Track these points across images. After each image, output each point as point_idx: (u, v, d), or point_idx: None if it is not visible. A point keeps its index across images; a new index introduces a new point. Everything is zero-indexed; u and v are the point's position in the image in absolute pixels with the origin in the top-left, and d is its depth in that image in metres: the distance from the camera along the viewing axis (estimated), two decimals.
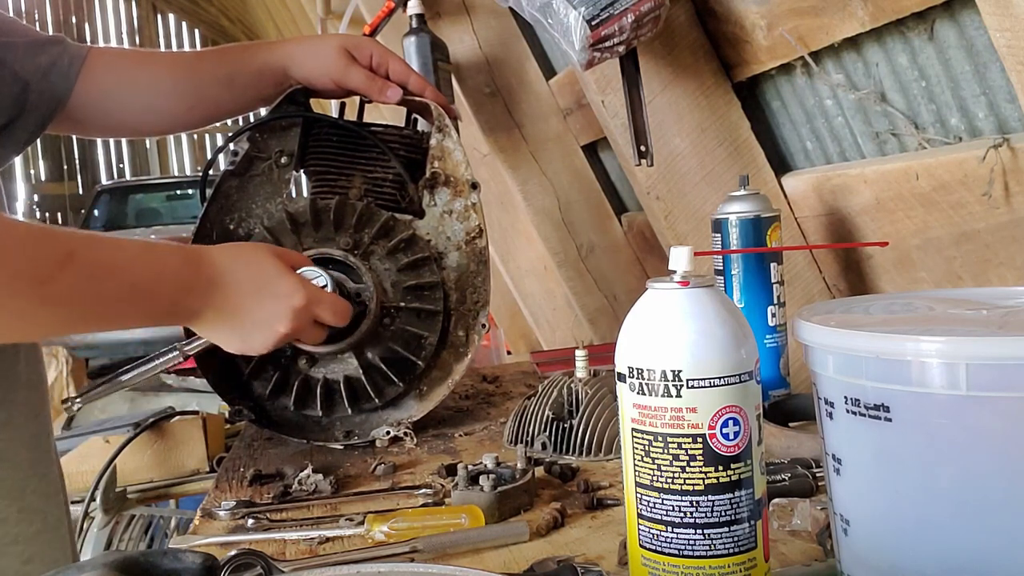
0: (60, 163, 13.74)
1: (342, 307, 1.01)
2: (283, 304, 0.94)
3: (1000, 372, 0.49)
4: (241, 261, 0.94)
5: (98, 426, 2.24)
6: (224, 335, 0.95)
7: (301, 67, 1.13)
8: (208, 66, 1.14)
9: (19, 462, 1.00)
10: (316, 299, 0.97)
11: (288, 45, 1.16)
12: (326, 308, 0.98)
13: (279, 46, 1.16)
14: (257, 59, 1.14)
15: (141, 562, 0.52)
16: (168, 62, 1.17)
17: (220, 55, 1.17)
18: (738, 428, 0.58)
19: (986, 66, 0.90)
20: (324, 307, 0.98)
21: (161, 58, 1.21)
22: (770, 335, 1.13)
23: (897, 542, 0.55)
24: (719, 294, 0.60)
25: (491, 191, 2.17)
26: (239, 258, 0.94)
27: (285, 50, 1.15)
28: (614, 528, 0.80)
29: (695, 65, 1.30)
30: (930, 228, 1.02)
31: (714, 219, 1.14)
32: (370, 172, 1.17)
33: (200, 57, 1.17)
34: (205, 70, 1.14)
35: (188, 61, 1.16)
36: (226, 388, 1.13)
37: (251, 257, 0.95)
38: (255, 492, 0.97)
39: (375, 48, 1.16)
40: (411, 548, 0.74)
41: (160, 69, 1.15)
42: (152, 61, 1.18)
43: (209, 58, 1.16)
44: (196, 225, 1.12)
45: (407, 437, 1.11)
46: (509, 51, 1.97)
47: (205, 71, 1.14)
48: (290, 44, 1.16)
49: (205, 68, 1.14)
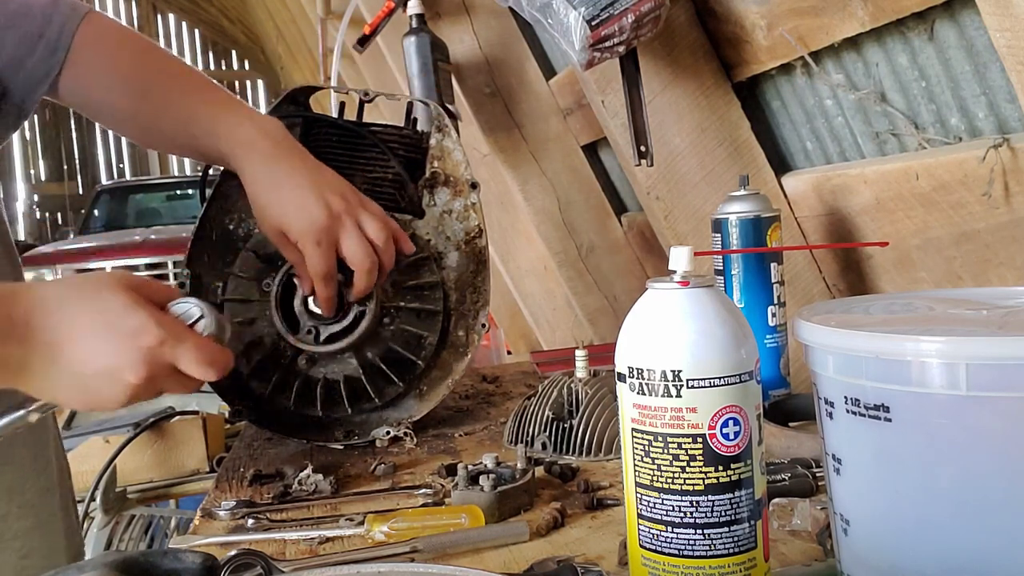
0: (60, 163, 13.74)
1: (211, 353, 0.78)
2: (128, 344, 0.74)
3: (1000, 372, 0.49)
4: (74, 295, 0.76)
5: (98, 426, 2.24)
6: (62, 390, 0.77)
7: None
8: (167, 125, 1.06)
9: (18, 459, 1.00)
10: (175, 338, 0.76)
11: (252, 166, 1.01)
12: (188, 351, 0.76)
13: (242, 152, 1.01)
14: (211, 149, 1.03)
15: (141, 562, 0.52)
16: (136, 96, 1.05)
17: (182, 122, 1.04)
18: (738, 428, 0.58)
19: (986, 66, 0.90)
20: (186, 349, 0.76)
21: (131, 86, 1.05)
22: (770, 335, 1.13)
23: (897, 542, 0.55)
24: (719, 294, 0.60)
25: (491, 191, 2.18)
26: (72, 291, 0.77)
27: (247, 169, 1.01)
28: (614, 528, 0.80)
29: (695, 65, 1.30)
30: (930, 228, 1.02)
31: (714, 219, 1.14)
32: (370, 172, 1.17)
33: (162, 111, 1.05)
34: (164, 127, 1.06)
35: (152, 112, 1.05)
36: (226, 388, 1.12)
37: (89, 290, 0.77)
38: (255, 492, 0.97)
39: None
40: (411, 548, 0.74)
41: (123, 102, 1.04)
42: (123, 84, 1.04)
43: (170, 116, 1.05)
44: (196, 225, 1.12)
45: (407, 437, 1.11)
46: (509, 51, 1.97)
47: (164, 127, 1.06)
48: (254, 166, 1.01)
49: (164, 125, 1.06)
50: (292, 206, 0.98)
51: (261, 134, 1.00)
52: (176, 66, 1.07)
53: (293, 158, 1.00)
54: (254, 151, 1.00)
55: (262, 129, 1.00)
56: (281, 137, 1.01)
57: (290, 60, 7.27)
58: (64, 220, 12.90)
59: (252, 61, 13.81)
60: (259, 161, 0.99)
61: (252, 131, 1.00)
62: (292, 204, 0.98)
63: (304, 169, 1.00)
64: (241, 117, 1.01)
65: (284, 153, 1.00)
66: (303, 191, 0.98)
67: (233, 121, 1.00)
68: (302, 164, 1.00)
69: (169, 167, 14.19)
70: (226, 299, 1.12)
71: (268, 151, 0.99)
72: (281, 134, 1.01)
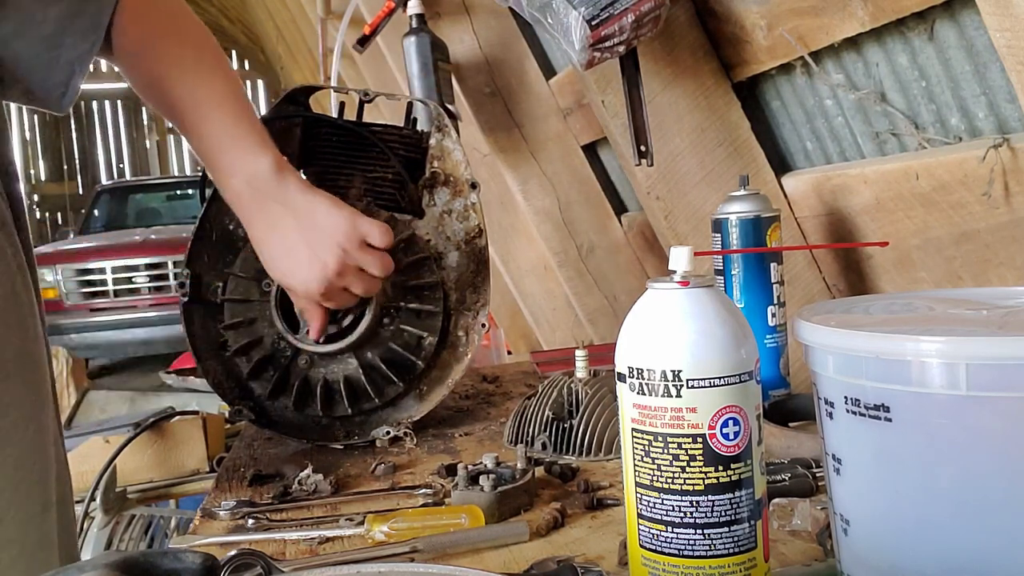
0: (60, 163, 13.75)
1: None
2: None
3: (1000, 372, 0.49)
4: None
5: (98, 426, 2.24)
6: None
7: None
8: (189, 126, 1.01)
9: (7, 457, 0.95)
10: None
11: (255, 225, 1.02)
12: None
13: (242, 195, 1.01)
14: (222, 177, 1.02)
15: (141, 562, 0.52)
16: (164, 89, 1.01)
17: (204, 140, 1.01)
18: (738, 428, 0.58)
19: (986, 66, 0.90)
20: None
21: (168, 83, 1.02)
22: (770, 335, 1.13)
23: (897, 542, 0.55)
24: (719, 294, 0.60)
25: (491, 191, 2.18)
26: None
27: None
28: (614, 528, 0.80)
29: (695, 65, 1.30)
30: (930, 228, 1.02)
31: (714, 219, 1.14)
32: (370, 172, 1.17)
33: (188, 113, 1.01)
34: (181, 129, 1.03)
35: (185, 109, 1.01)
36: (226, 388, 1.12)
37: None
38: (255, 492, 0.97)
39: None
40: (411, 548, 0.74)
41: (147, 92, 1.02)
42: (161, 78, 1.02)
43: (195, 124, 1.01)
44: (196, 225, 1.12)
45: (407, 437, 1.11)
46: (509, 51, 1.97)
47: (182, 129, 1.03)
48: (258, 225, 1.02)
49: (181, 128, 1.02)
50: (289, 272, 1.00)
51: (247, 187, 0.98)
52: (195, 78, 1.00)
53: (282, 212, 0.98)
54: (242, 207, 1.00)
55: (248, 180, 0.98)
56: (270, 187, 0.98)
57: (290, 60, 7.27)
58: (64, 220, 12.90)
59: (252, 61, 13.80)
60: (251, 218, 1.00)
61: (240, 184, 0.98)
62: (288, 270, 1.00)
63: (294, 225, 0.98)
64: (232, 165, 0.98)
65: (273, 208, 0.98)
66: (298, 258, 0.99)
67: (226, 169, 0.99)
68: (292, 217, 0.98)
69: (169, 167, 14.20)
70: (226, 299, 1.12)
71: (256, 207, 0.99)
72: (270, 184, 0.98)
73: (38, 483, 0.91)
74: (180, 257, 1.14)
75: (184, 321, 1.12)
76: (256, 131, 0.99)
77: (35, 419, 0.91)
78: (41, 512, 0.91)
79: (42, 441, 0.92)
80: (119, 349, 7.25)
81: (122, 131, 14.29)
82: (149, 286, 7.10)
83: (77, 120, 13.75)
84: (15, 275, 0.89)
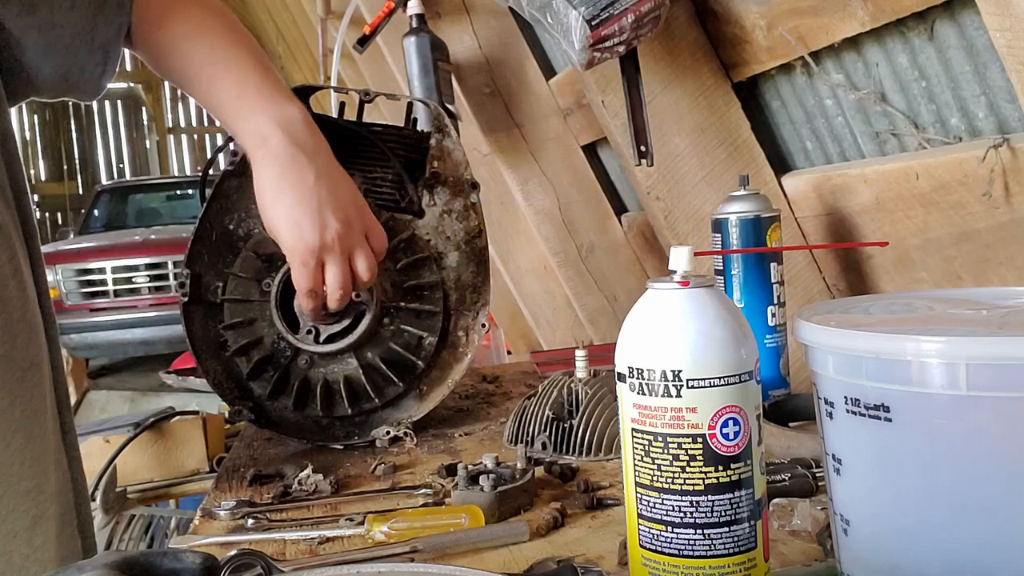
0: (60, 163, 13.74)
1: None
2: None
3: (1000, 372, 0.49)
4: None
5: (98, 426, 2.24)
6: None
7: None
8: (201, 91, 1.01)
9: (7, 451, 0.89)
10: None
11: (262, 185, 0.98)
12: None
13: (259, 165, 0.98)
14: None
15: (141, 562, 0.52)
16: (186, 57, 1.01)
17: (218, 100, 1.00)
18: (738, 428, 0.58)
19: (986, 66, 0.90)
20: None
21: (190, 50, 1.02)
22: (770, 335, 1.13)
23: (897, 542, 0.55)
24: (719, 294, 0.60)
25: (491, 191, 2.17)
26: None
27: None
28: (614, 528, 0.80)
29: (695, 65, 1.30)
30: (930, 228, 1.02)
31: (714, 219, 1.14)
32: (370, 172, 1.17)
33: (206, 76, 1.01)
34: (206, 102, 1.02)
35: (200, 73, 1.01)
36: (226, 388, 1.12)
37: None
38: (255, 492, 0.97)
39: None
40: (411, 548, 0.74)
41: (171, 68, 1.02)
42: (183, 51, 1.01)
43: (207, 86, 1.01)
44: (196, 225, 1.12)
45: (407, 437, 1.11)
46: (509, 51, 1.97)
47: (207, 102, 1.02)
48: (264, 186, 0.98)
49: (207, 101, 1.02)
50: (287, 220, 0.95)
51: (277, 128, 0.95)
52: (222, 39, 1.00)
53: (306, 165, 0.95)
54: (266, 149, 0.96)
55: (280, 123, 0.95)
56: (302, 136, 0.96)
57: (290, 60, 7.26)
58: (64, 220, 12.90)
59: None
60: (268, 162, 0.96)
61: (268, 125, 0.95)
62: (288, 218, 0.95)
63: (313, 181, 0.95)
64: (261, 107, 0.96)
65: (297, 156, 0.95)
66: (303, 207, 0.95)
67: (250, 112, 0.96)
68: (313, 174, 0.95)
69: (169, 167, 14.20)
70: (226, 299, 1.12)
71: (281, 152, 0.95)
72: (302, 132, 0.96)
73: (26, 496, 0.86)
74: (180, 257, 1.14)
75: (184, 321, 1.11)
76: (285, 88, 0.99)
77: (22, 429, 0.86)
78: (30, 527, 0.86)
79: (35, 453, 0.88)
80: (119, 349, 7.25)
81: (122, 131, 14.28)
82: (149, 286, 7.10)
83: (77, 120, 13.74)
84: (8, 280, 0.86)
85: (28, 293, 0.90)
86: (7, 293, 0.86)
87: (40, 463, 0.89)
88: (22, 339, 0.87)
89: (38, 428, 0.89)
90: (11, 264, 0.88)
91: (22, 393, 0.87)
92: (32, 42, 0.91)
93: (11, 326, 0.86)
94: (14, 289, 0.87)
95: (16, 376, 0.86)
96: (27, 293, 0.90)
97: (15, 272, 0.88)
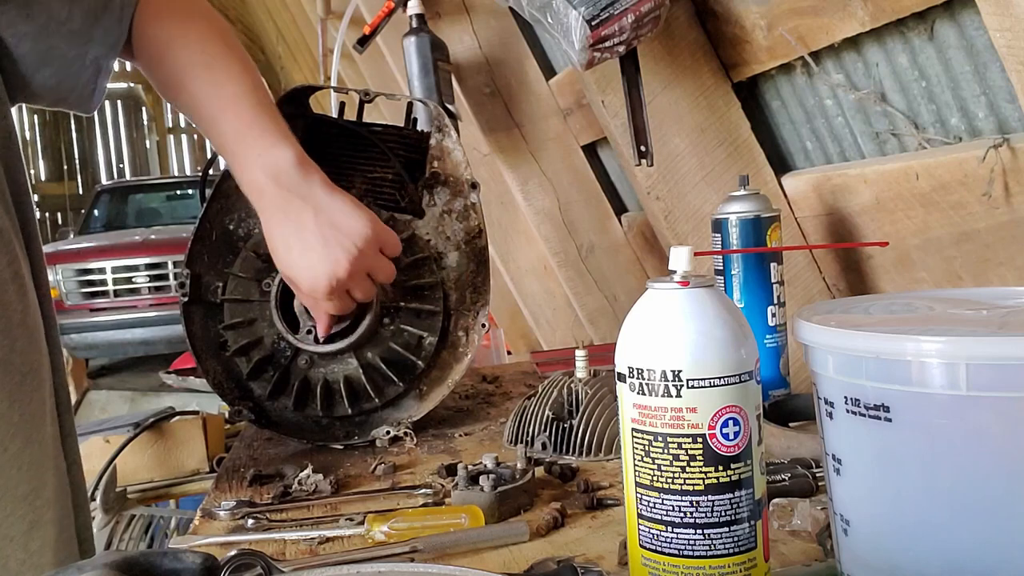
0: (60, 163, 13.75)
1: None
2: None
3: (1000, 372, 0.49)
4: None
5: (98, 426, 2.24)
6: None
7: None
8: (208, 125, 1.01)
9: None
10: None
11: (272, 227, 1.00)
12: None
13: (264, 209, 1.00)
14: None
15: (141, 562, 0.52)
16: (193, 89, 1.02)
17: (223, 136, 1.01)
18: (738, 428, 0.58)
19: (986, 66, 0.90)
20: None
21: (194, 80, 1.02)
22: (770, 335, 1.13)
23: (897, 542, 0.55)
24: (719, 294, 0.60)
25: (491, 191, 2.17)
26: None
27: None
28: (614, 528, 0.80)
29: (695, 65, 1.30)
30: (930, 228, 1.02)
31: (714, 219, 1.14)
32: (370, 172, 1.17)
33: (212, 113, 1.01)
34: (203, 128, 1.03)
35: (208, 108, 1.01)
36: (226, 388, 1.12)
37: None
38: (255, 492, 0.97)
39: None
40: (411, 548, 0.74)
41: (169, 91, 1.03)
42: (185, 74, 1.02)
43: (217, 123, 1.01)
44: (196, 225, 1.12)
45: (407, 437, 1.11)
46: (509, 51, 1.97)
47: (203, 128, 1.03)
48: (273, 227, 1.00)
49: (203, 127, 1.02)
50: (301, 270, 0.98)
51: (269, 182, 0.97)
52: (220, 71, 1.00)
53: (303, 207, 0.96)
54: (264, 200, 0.98)
55: (270, 175, 0.97)
56: (293, 181, 0.97)
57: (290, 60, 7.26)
58: (64, 220, 12.90)
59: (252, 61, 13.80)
60: (269, 212, 0.98)
61: (262, 178, 0.97)
62: (301, 268, 0.98)
63: (314, 222, 0.96)
64: (254, 156, 0.97)
65: (292, 202, 0.97)
66: (311, 253, 0.96)
67: (245, 163, 0.98)
68: (312, 213, 0.96)
69: (169, 167, 14.20)
70: (226, 299, 1.12)
71: (278, 202, 0.97)
72: (292, 178, 0.97)
73: (23, 501, 0.86)
74: (180, 257, 1.14)
75: (184, 321, 1.11)
76: (278, 125, 0.99)
77: (20, 434, 0.86)
78: (27, 531, 0.86)
79: (33, 457, 0.87)
80: (119, 349, 7.25)
81: (122, 131, 14.29)
82: (149, 286, 7.11)
83: (77, 120, 13.73)
84: (7, 284, 0.86)
85: (28, 297, 0.90)
86: (7, 297, 0.86)
87: (38, 468, 0.88)
88: (21, 343, 0.87)
89: (36, 432, 0.89)
90: (11, 268, 0.87)
91: (21, 397, 0.87)
92: (26, 49, 0.92)
93: (10, 331, 0.86)
94: (14, 293, 0.87)
95: (15, 380, 0.86)
96: (27, 297, 0.89)
97: (15, 276, 0.88)
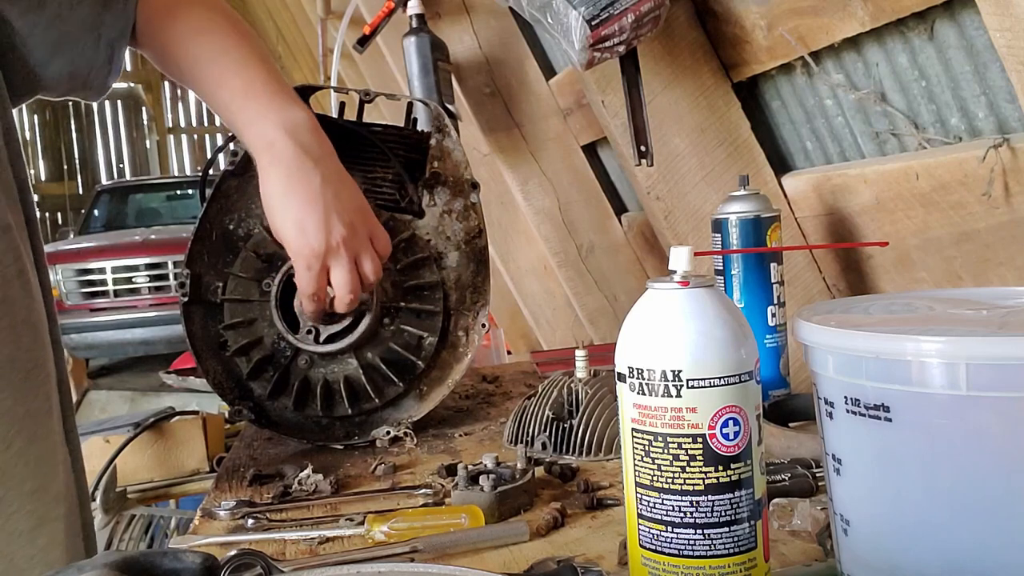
0: (60, 163, 13.74)
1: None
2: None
3: (1000, 372, 0.49)
4: None
5: (98, 426, 2.24)
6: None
7: None
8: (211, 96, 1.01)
9: None
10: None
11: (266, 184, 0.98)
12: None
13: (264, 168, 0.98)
14: None
15: (141, 562, 0.52)
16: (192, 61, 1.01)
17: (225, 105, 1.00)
18: (738, 428, 0.58)
19: (986, 66, 0.90)
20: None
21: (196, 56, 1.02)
22: (770, 335, 1.13)
23: (897, 542, 0.55)
24: (719, 294, 0.60)
25: (491, 191, 2.17)
26: None
27: None
28: (614, 528, 0.80)
29: (695, 65, 1.30)
30: (930, 228, 1.02)
31: (714, 219, 1.14)
32: (370, 172, 1.17)
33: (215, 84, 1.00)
34: (211, 101, 1.02)
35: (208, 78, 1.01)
36: (226, 388, 1.12)
37: None
38: (255, 492, 0.97)
39: None
40: (411, 548, 0.74)
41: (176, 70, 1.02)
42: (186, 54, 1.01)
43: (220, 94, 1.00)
44: (196, 225, 1.12)
45: (407, 437, 1.11)
46: (509, 51, 1.97)
47: (211, 102, 1.02)
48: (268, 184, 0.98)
49: (211, 100, 1.01)
50: (293, 223, 0.95)
51: (284, 134, 0.95)
52: (227, 38, 1.00)
53: (312, 169, 0.95)
54: (272, 154, 0.95)
55: (287, 128, 0.95)
56: (308, 141, 0.96)
57: (290, 60, 7.26)
58: (64, 220, 12.89)
59: None
60: (275, 165, 0.95)
61: (274, 130, 0.95)
62: (294, 221, 0.95)
63: (319, 185, 0.95)
64: (267, 111, 0.96)
65: (303, 161, 0.95)
66: (309, 211, 0.94)
67: (255, 115, 0.96)
68: (319, 178, 0.95)
69: (169, 167, 14.19)
70: (226, 299, 1.12)
71: (287, 157, 0.95)
72: (308, 137, 0.96)
73: (30, 497, 0.86)
74: (180, 257, 1.13)
75: (184, 321, 1.11)
76: (290, 89, 0.99)
77: (25, 430, 0.86)
78: (34, 528, 0.86)
79: (39, 453, 0.87)
80: (119, 349, 7.25)
81: (122, 131, 14.28)
82: (149, 286, 7.11)
83: (77, 120, 13.74)
84: (12, 281, 0.86)
85: (33, 294, 0.90)
86: (12, 294, 0.86)
87: (44, 464, 0.88)
88: (26, 340, 0.87)
89: (42, 429, 0.89)
90: (16, 265, 0.87)
91: (25, 394, 0.87)
92: (39, 39, 0.91)
93: (15, 327, 0.86)
94: (19, 290, 0.87)
95: (20, 377, 0.86)
96: (32, 294, 0.89)
97: (20, 273, 0.88)
